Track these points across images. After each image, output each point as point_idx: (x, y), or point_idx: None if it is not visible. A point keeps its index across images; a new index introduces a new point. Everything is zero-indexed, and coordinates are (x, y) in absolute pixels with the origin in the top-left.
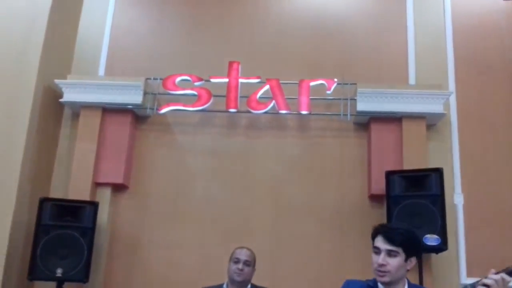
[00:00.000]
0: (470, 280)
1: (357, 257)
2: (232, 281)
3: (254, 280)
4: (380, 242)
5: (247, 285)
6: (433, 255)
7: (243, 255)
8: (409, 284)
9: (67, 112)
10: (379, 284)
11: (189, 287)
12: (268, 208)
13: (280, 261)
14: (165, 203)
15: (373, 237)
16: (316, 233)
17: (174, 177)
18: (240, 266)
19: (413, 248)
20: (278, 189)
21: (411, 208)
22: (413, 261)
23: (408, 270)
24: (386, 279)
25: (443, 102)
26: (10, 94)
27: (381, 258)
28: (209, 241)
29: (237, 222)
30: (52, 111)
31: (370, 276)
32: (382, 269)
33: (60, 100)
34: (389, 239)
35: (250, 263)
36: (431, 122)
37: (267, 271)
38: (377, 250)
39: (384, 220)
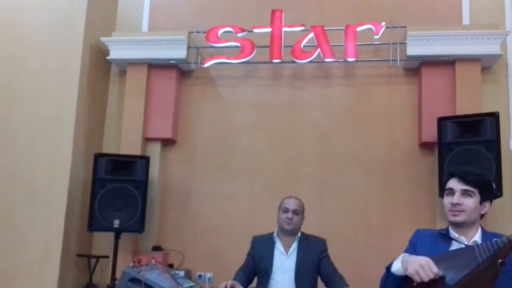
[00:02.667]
0: None
1: (407, 206)
2: (282, 230)
3: (303, 229)
4: (454, 183)
5: (296, 234)
6: None
7: (292, 204)
8: (483, 231)
9: (114, 69)
10: (451, 231)
11: (239, 236)
12: (315, 158)
13: (328, 210)
14: (213, 156)
15: (446, 181)
16: (365, 183)
17: (221, 129)
18: (289, 215)
19: (488, 192)
20: (325, 139)
21: (464, 154)
22: (487, 206)
23: (482, 216)
24: (460, 218)
25: (500, 42)
26: (60, 56)
27: (456, 197)
28: (257, 192)
29: (284, 172)
30: (100, 69)
31: (419, 224)
32: (457, 208)
33: (107, 57)
34: (465, 180)
35: (299, 212)
36: (486, 65)
37: (315, 220)
38: (450, 191)
39: (435, 169)
